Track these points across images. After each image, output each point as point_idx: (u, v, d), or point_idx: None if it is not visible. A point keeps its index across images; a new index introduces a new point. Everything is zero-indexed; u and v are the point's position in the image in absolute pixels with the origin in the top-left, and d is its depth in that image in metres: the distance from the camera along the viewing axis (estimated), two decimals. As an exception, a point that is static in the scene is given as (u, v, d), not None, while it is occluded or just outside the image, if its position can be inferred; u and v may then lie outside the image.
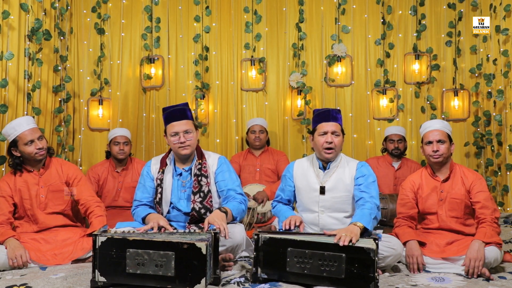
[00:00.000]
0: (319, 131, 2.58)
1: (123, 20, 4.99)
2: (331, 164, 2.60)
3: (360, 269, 2.06)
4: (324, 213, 2.55)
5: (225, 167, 2.66)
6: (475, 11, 4.96)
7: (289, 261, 2.14)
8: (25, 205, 2.76)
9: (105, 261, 2.09)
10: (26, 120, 2.78)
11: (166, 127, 2.62)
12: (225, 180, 2.62)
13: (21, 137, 2.69)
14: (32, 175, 2.80)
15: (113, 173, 3.86)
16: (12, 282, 2.22)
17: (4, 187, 2.74)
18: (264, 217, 3.87)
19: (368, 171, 2.56)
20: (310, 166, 2.65)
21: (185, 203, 2.58)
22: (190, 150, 2.58)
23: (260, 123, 4.41)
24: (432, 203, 2.71)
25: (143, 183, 2.67)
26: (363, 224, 2.27)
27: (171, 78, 5.05)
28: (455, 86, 4.98)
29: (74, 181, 2.87)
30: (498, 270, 2.51)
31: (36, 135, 2.72)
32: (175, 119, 2.58)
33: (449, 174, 2.71)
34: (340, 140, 2.58)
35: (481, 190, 2.62)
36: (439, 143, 2.67)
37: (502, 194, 4.54)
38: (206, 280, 2.05)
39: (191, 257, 2.05)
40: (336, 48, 4.95)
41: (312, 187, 2.59)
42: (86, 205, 2.82)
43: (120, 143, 3.80)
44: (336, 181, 2.56)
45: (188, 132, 2.57)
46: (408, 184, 2.80)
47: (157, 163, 2.69)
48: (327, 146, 2.54)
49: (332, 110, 2.62)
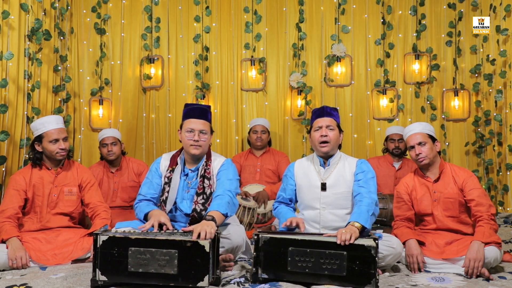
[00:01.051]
0: (314, 127, 2.62)
1: (123, 20, 5.00)
2: (331, 160, 2.61)
3: (361, 266, 2.09)
4: (325, 210, 2.56)
5: (225, 170, 2.59)
6: (475, 11, 4.96)
7: (290, 261, 2.15)
8: (36, 201, 2.80)
9: (107, 260, 2.09)
10: (56, 119, 2.86)
11: (183, 122, 2.60)
12: (221, 183, 2.55)
13: (47, 134, 2.77)
14: (49, 173, 2.85)
15: (108, 173, 3.82)
16: (12, 282, 2.21)
17: (20, 180, 2.79)
18: (264, 217, 3.87)
19: (368, 167, 2.58)
20: (311, 164, 2.67)
21: (188, 204, 2.57)
22: (200, 151, 2.56)
23: (262, 123, 4.41)
24: (427, 204, 2.71)
25: (150, 178, 2.64)
26: (361, 224, 2.27)
27: (171, 78, 5.05)
28: (455, 86, 4.99)
29: (87, 186, 2.93)
30: (498, 270, 2.51)
31: (62, 136, 2.81)
32: (195, 117, 2.57)
33: (439, 174, 2.71)
34: (336, 134, 2.58)
35: (474, 187, 2.62)
36: (420, 145, 2.68)
37: (502, 194, 4.54)
38: (209, 278, 2.07)
39: (194, 255, 2.06)
40: (335, 48, 4.95)
41: (313, 184, 2.60)
42: (94, 209, 2.87)
43: (108, 145, 3.75)
44: (337, 177, 2.57)
45: (204, 133, 2.55)
46: (402, 187, 2.81)
47: (167, 160, 2.67)
48: (322, 140, 2.56)
49: (326, 107, 2.66)
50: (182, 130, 2.60)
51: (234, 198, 2.51)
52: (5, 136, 3.31)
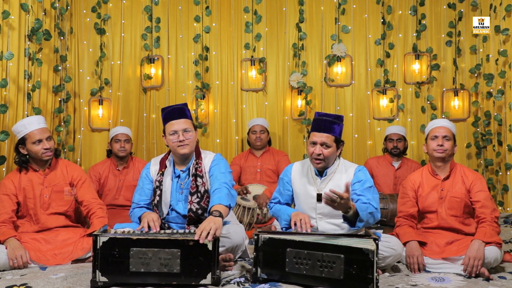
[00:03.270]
0: (310, 139, 2.53)
1: (123, 20, 4.99)
2: (328, 170, 2.55)
3: (359, 270, 2.03)
4: (322, 220, 2.52)
5: (217, 165, 2.58)
6: (475, 11, 4.96)
7: (288, 262, 2.14)
8: (28, 204, 2.77)
9: (107, 261, 2.09)
10: (37, 119, 2.81)
11: (164, 127, 2.59)
12: (215, 177, 2.53)
13: (30, 136, 2.73)
14: (37, 175, 2.82)
15: (114, 171, 3.88)
16: (12, 282, 2.22)
17: (9, 185, 2.76)
18: (264, 217, 3.87)
19: (365, 176, 2.51)
20: (307, 171, 2.61)
21: (183, 205, 2.56)
22: (188, 149, 2.54)
23: (261, 123, 4.41)
24: (432, 201, 2.72)
25: (142, 185, 2.65)
26: (356, 208, 2.26)
27: (171, 78, 5.05)
28: (455, 86, 4.98)
29: (78, 183, 2.89)
30: (498, 270, 2.51)
31: (45, 135, 2.76)
32: (174, 118, 2.55)
33: (449, 173, 2.73)
34: (331, 151, 2.48)
35: (481, 189, 2.64)
36: (445, 139, 2.69)
37: (502, 194, 4.54)
38: (212, 275, 2.09)
39: (197, 253, 2.08)
40: (335, 48, 4.95)
41: (309, 194, 2.56)
42: (89, 206, 2.84)
43: (121, 141, 3.84)
44: (333, 188, 2.52)
45: (187, 131, 2.54)
46: (408, 183, 2.81)
47: (156, 164, 2.67)
48: (316, 157, 2.49)
49: (325, 121, 2.49)
50: (166, 135, 2.58)
51: (231, 189, 2.50)
52: (5, 136, 3.31)
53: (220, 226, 2.17)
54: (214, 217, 2.22)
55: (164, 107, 2.68)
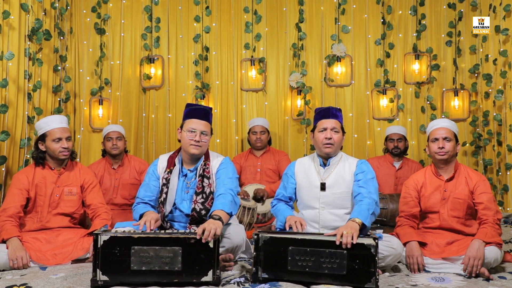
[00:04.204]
0: (319, 127, 2.62)
1: (123, 20, 5.00)
2: (331, 160, 2.62)
3: (362, 264, 2.10)
4: (324, 210, 2.56)
5: (225, 169, 2.61)
6: (475, 11, 4.96)
7: (291, 260, 2.15)
8: (37, 201, 2.81)
9: (108, 260, 2.10)
10: (60, 118, 2.88)
11: (184, 121, 2.60)
12: (222, 181, 2.57)
13: (50, 133, 2.79)
14: (52, 173, 2.86)
15: (110, 170, 3.85)
16: (12, 282, 2.22)
17: (23, 179, 2.79)
18: (264, 217, 3.87)
19: (368, 168, 2.58)
20: (311, 163, 2.68)
21: (187, 204, 2.57)
22: (199, 151, 2.57)
23: (261, 124, 4.41)
24: (435, 202, 2.71)
25: (148, 181, 2.66)
26: (361, 220, 2.29)
27: (171, 78, 5.05)
28: (455, 86, 4.99)
29: (89, 187, 2.94)
30: (498, 270, 2.51)
31: (65, 135, 2.82)
32: (197, 117, 2.57)
33: (453, 174, 2.72)
34: (340, 137, 2.61)
35: (485, 191, 2.63)
36: (445, 140, 2.68)
37: (502, 194, 4.54)
38: (213, 273, 2.10)
39: (198, 251, 2.10)
40: (335, 48, 4.95)
41: (313, 183, 2.60)
42: (96, 210, 2.88)
43: (113, 139, 3.81)
44: (337, 177, 2.57)
45: (205, 134, 2.57)
46: (411, 183, 2.81)
47: (164, 161, 2.67)
48: (326, 142, 2.57)
49: (332, 108, 2.66)
50: (182, 129, 2.60)
51: (236, 197, 2.53)
52: (5, 136, 3.31)
53: (220, 227, 2.20)
54: (214, 220, 2.25)
55: (190, 103, 2.71)
